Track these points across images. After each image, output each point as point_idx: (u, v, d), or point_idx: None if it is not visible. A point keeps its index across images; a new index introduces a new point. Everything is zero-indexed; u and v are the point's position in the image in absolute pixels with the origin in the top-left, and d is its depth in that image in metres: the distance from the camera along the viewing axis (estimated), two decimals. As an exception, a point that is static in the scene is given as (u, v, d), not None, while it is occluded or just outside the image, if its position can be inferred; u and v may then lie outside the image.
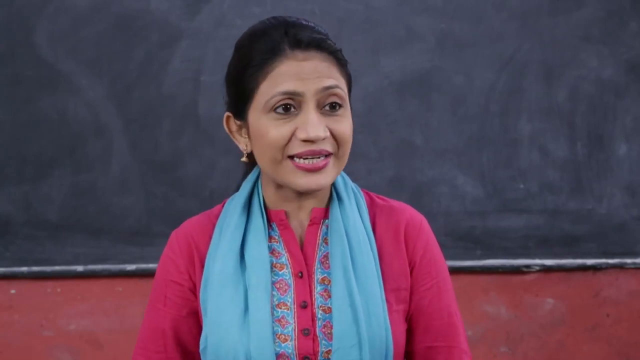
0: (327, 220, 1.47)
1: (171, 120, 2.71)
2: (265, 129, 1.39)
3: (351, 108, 1.44)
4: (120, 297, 2.71)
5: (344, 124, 1.41)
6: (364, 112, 2.69)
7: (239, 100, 1.43)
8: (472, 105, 2.74)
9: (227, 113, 1.47)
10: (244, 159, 1.47)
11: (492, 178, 2.75)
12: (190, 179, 2.70)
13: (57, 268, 2.70)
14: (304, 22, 1.43)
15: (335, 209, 1.46)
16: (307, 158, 1.39)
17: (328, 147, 1.39)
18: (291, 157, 1.39)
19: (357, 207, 1.49)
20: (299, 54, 1.38)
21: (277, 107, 1.38)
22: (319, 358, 1.40)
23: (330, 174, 1.41)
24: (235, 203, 1.49)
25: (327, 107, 1.39)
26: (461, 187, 2.74)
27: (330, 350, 1.40)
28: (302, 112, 1.38)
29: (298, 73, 1.37)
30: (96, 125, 2.70)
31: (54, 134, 2.70)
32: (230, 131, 1.48)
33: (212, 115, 2.68)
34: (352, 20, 2.70)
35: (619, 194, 2.76)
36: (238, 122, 1.45)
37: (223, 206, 1.52)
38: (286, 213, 1.47)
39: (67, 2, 2.69)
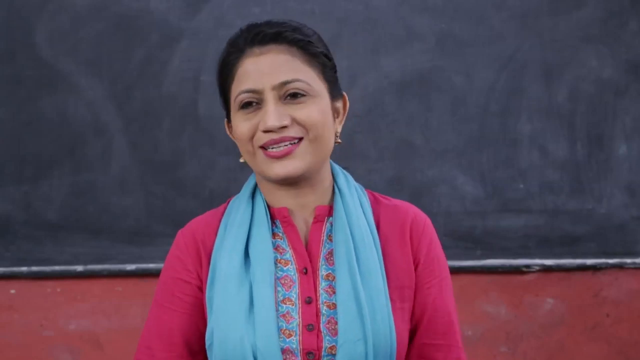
0: (331, 218, 1.49)
1: (171, 120, 2.71)
2: (236, 125, 1.46)
3: (339, 93, 1.49)
4: (120, 297, 2.70)
5: (307, 110, 1.43)
6: (364, 112, 2.70)
7: (225, 106, 1.51)
8: (472, 105, 2.74)
9: (225, 119, 1.53)
10: (241, 159, 1.51)
11: (492, 178, 2.75)
12: (190, 179, 2.70)
13: (57, 268, 2.70)
14: (274, 21, 1.46)
15: (338, 206, 1.48)
16: (274, 147, 1.43)
17: (292, 133, 1.43)
18: (263, 148, 1.44)
19: (361, 205, 1.50)
20: (256, 49, 1.43)
21: (243, 105, 1.44)
22: (322, 353, 1.41)
23: (303, 158, 1.44)
24: (239, 201, 1.51)
25: (288, 97, 1.43)
26: (461, 187, 2.74)
27: (334, 346, 1.41)
28: (263, 105, 1.43)
29: (256, 70, 1.43)
30: (96, 125, 2.70)
31: (54, 134, 2.70)
32: (231, 135, 1.53)
33: (212, 115, 2.69)
34: (352, 20, 2.70)
35: (619, 194, 2.76)
36: (230, 126, 1.52)
37: (228, 204, 1.54)
38: (289, 210, 1.48)
39: (67, 2, 2.69)
